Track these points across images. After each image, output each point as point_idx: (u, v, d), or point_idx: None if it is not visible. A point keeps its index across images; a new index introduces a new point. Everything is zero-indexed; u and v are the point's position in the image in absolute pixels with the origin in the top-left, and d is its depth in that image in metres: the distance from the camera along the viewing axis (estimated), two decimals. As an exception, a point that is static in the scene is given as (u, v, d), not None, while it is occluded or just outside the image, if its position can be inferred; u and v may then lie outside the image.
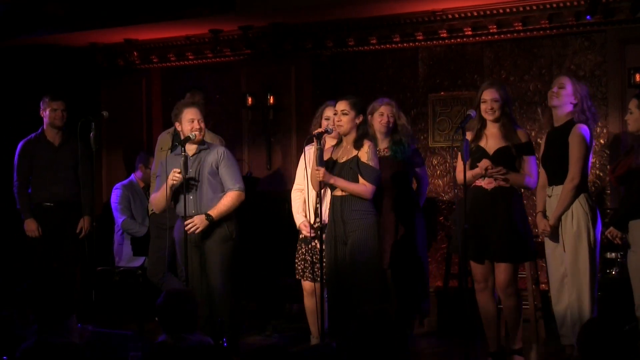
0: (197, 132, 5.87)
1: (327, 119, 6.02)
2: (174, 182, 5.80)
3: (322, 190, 5.76)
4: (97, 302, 6.81)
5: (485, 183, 5.49)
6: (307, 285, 6.17)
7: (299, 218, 6.19)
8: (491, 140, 5.53)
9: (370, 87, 7.94)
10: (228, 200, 5.90)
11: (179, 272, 6.58)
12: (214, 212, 5.85)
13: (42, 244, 7.08)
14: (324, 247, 5.65)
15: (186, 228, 5.81)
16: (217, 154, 5.95)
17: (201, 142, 5.98)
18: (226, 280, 5.91)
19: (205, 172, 5.90)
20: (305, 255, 6.18)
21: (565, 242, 5.37)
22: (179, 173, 5.77)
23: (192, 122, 5.89)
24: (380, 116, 6.14)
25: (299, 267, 6.21)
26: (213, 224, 5.86)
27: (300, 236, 6.22)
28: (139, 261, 7.46)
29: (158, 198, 5.98)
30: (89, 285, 7.01)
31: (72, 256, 7.18)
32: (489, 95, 5.50)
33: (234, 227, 5.97)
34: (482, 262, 5.53)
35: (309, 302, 6.13)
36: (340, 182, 5.60)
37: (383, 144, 6.14)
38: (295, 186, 6.33)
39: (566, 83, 5.44)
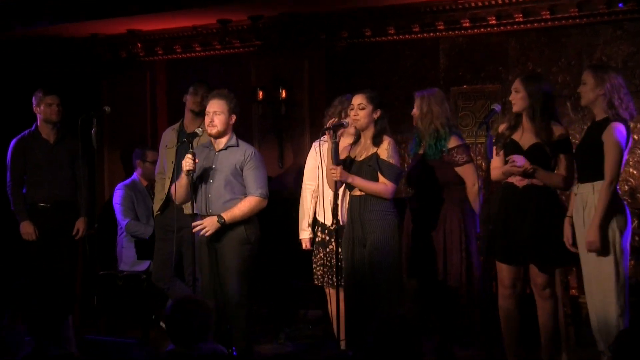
0: (208, 128, 5.66)
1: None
2: (189, 168, 5.56)
3: (341, 190, 5.68)
4: (99, 308, 6.81)
5: (517, 180, 5.36)
6: (331, 290, 6.02)
7: (302, 231, 6.16)
8: (526, 135, 5.44)
9: (388, 80, 7.89)
10: (245, 205, 5.65)
11: (186, 277, 6.48)
12: (227, 215, 5.61)
13: (38, 246, 6.99)
14: (340, 249, 5.59)
15: (194, 230, 5.62)
16: (244, 155, 5.73)
17: (230, 139, 5.77)
18: (243, 286, 5.69)
19: (227, 171, 5.67)
20: (324, 259, 6.07)
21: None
22: (192, 158, 5.56)
23: (208, 114, 5.69)
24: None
25: (319, 273, 6.10)
26: (228, 226, 5.62)
27: (317, 239, 6.11)
28: (143, 265, 7.35)
29: (177, 188, 5.76)
30: (90, 290, 7.02)
31: (69, 259, 7.08)
32: (513, 86, 5.51)
33: (252, 230, 5.72)
34: (510, 264, 5.43)
35: (335, 308, 5.92)
36: (358, 181, 5.54)
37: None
38: (304, 185, 6.21)
39: (586, 78, 5.21)
